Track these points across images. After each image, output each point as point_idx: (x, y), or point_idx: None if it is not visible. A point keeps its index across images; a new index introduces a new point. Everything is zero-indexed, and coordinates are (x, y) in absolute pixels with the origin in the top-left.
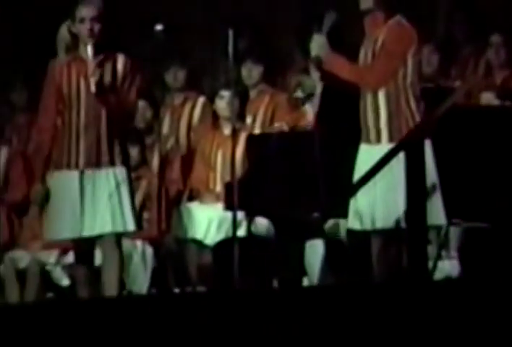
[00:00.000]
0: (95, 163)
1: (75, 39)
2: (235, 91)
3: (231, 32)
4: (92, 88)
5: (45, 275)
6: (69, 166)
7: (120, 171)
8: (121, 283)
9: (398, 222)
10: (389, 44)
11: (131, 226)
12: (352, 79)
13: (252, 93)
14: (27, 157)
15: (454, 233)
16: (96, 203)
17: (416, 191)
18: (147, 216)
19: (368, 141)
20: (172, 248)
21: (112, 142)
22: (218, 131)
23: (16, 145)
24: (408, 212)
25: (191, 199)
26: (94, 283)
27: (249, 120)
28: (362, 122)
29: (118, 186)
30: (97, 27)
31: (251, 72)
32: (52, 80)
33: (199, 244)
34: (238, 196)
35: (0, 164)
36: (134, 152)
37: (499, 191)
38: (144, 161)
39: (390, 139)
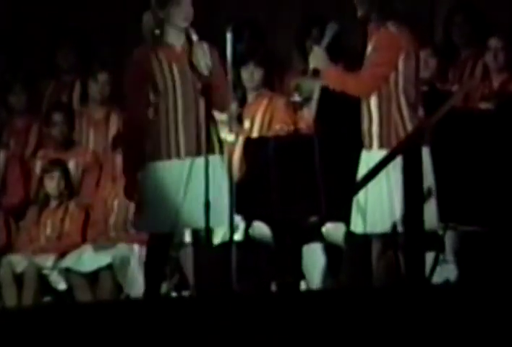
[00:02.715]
0: (196, 152)
1: (161, 25)
2: (233, 94)
3: (229, 35)
4: (205, 72)
5: (42, 279)
6: (169, 156)
7: (219, 160)
8: (119, 287)
9: (394, 226)
10: (376, 53)
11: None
12: (342, 90)
13: (250, 96)
14: (25, 161)
15: (451, 237)
16: (199, 195)
17: (413, 196)
18: None
19: (364, 146)
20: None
21: (210, 129)
22: None
23: (13, 149)
24: (406, 216)
25: None
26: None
27: (247, 123)
28: (362, 125)
29: (217, 176)
30: (191, 12)
31: (253, 75)
32: (139, 70)
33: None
34: (235, 200)
35: None
36: None
37: (496, 195)
38: None
39: (380, 145)
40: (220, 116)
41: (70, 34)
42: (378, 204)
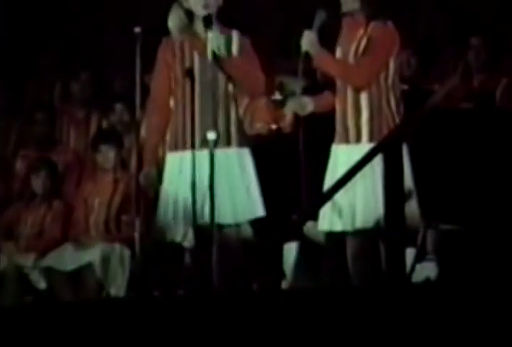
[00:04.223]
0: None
1: (189, 15)
2: None
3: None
4: (212, 63)
5: (23, 278)
6: (184, 147)
7: (236, 152)
8: (100, 286)
9: (378, 222)
10: (376, 43)
11: (260, 212)
12: (340, 77)
13: None
14: (6, 160)
15: (432, 235)
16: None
17: (394, 193)
18: (126, 218)
19: (347, 141)
20: (151, 251)
21: (229, 120)
22: None
23: None
24: (387, 213)
25: None
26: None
27: None
28: (340, 122)
29: (231, 168)
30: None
31: None
32: (165, 60)
33: (179, 247)
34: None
35: None
36: (111, 154)
37: (476, 194)
38: (122, 163)
39: (370, 139)
40: None
41: (53, 34)
42: (368, 199)
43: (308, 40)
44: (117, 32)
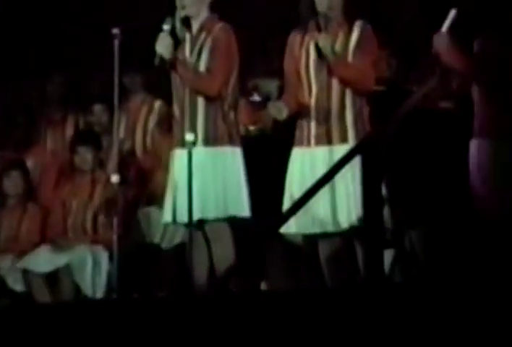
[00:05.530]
0: (181, 144)
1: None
2: None
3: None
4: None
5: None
6: (178, 145)
7: (201, 150)
8: (77, 288)
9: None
10: (369, 43)
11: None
12: (355, 81)
13: None
14: None
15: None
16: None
17: (373, 194)
18: (104, 220)
19: (329, 142)
20: (130, 252)
21: (215, 119)
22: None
23: None
24: (365, 214)
25: (149, 203)
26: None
27: None
28: (321, 123)
29: (223, 165)
30: (186, 1)
31: None
32: None
33: (158, 248)
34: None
35: None
36: (89, 155)
37: (447, 195)
38: (100, 165)
39: (357, 139)
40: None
41: (33, 34)
42: (350, 200)
43: (326, 43)
44: (96, 32)
